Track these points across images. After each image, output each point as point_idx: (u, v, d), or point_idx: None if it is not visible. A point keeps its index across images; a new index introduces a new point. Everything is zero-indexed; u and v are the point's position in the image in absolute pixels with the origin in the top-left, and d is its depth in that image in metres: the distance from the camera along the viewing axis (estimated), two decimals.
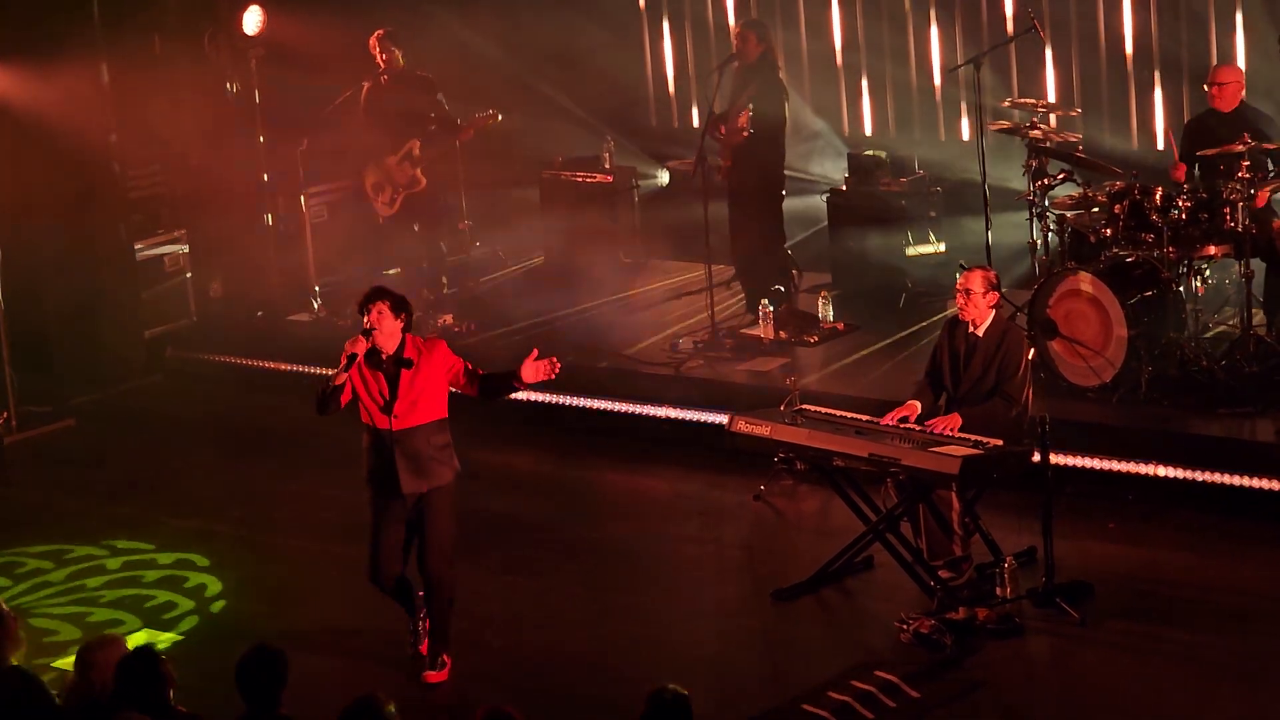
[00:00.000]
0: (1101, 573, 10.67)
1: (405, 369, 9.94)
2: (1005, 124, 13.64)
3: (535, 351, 10.05)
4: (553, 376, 10.04)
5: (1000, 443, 10.21)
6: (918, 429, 10.50)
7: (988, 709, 9.55)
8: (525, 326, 14.95)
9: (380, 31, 15.32)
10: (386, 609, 11.08)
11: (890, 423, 10.60)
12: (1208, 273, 12.55)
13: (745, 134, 13.91)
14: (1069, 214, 12.92)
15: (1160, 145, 14.32)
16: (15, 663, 8.36)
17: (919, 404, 10.74)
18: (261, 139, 16.13)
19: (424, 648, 10.24)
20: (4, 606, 8.44)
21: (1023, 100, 14.09)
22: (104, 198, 15.81)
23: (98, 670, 8.04)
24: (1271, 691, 9.44)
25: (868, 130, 16.90)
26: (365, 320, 9.92)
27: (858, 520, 10.78)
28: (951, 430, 10.36)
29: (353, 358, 9.84)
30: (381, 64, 15.30)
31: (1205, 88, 12.91)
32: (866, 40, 16.74)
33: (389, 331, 9.91)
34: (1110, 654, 9.92)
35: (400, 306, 9.95)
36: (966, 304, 10.70)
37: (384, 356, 9.95)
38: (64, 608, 11.32)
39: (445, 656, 10.16)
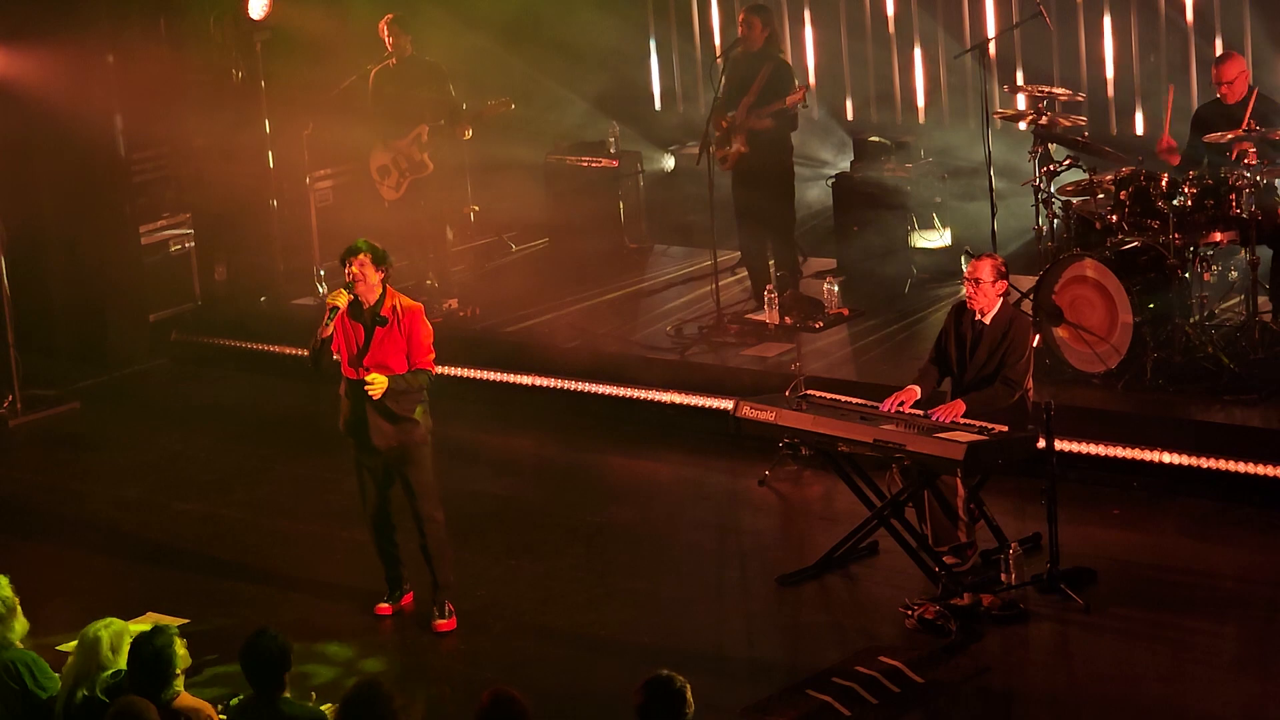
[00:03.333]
0: (1106, 559, 10.68)
1: (380, 326, 10.30)
2: (1011, 110, 13.63)
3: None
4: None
5: (1005, 429, 10.19)
6: (922, 414, 10.49)
7: (992, 694, 9.55)
8: (529, 311, 14.94)
9: (389, 16, 15.30)
10: None
11: (889, 407, 10.58)
12: (1213, 259, 12.54)
13: (801, 106, 13.92)
14: (1075, 200, 12.91)
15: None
16: (19, 645, 8.39)
17: (919, 389, 10.72)
18: (266, 123, 16.12)
19: (404, 600, 10.75)
20: (7, 589, 8.45)
21: (1028, 86, 14.07)
22: (109, 181, 15.81)
23: (98, 651, 8.06)
24: (1276, 677, 9.43)
25: (873, 116, 16.88)
26: (347, 273, 10.29)
27: (862, 506, 10.78)
28: (955, 417, 10.34)
29: (334, 310, 10.27)
30: (390, 48, 15.28)
31: (1213, 84, 12.88)
32: (872, 25, 16.71)
33: (372, 284, 10.32)
34: (1114, 640, 9.92)
35: (381, 260, 10.33)
36: (976, 293, 10.65)
37: (365, 308, 10.34)
38: None
39: (450, 604, 10.56)
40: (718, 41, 17.13)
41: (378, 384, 10.22)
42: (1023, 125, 13.39)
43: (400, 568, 10.77)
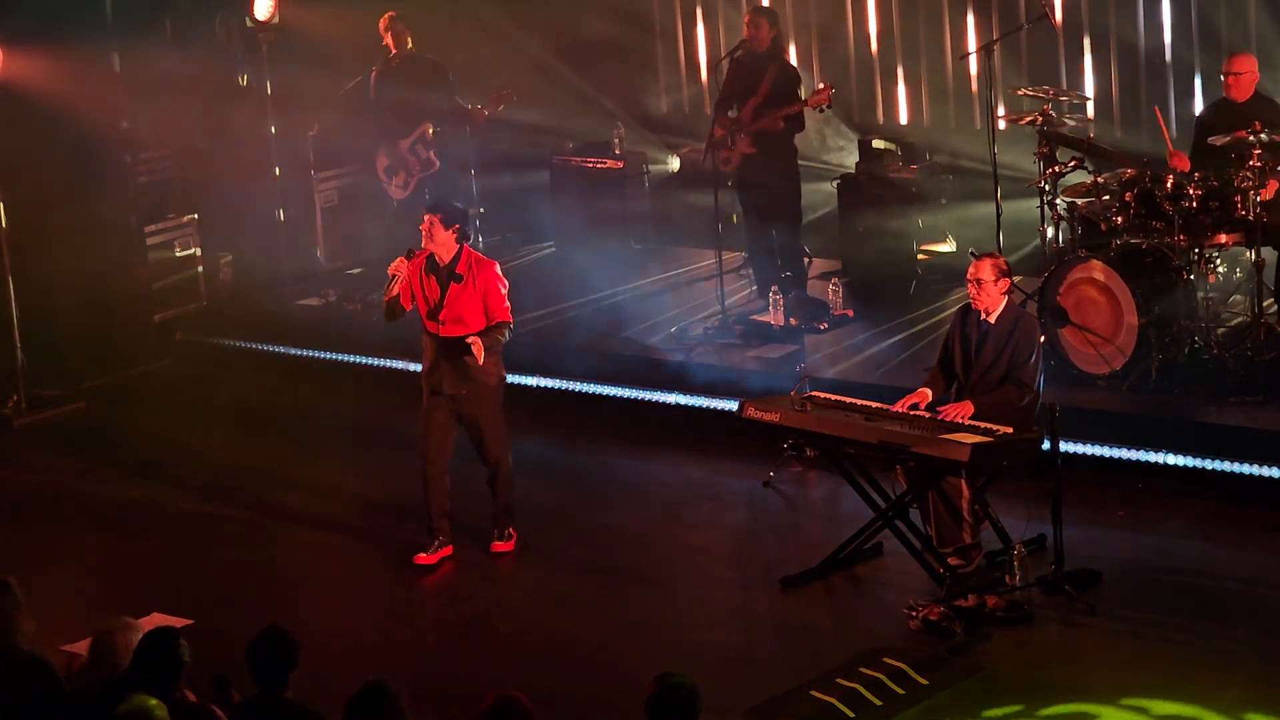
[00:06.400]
0: (1110, 560, 10.67)
1: (455, 283, 10.90)
2: (1017, 113, 13.63)
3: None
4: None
5: (1010, 430, 10.19)
6: (927, 416, 10.49)
7: (996, 696, 9.53)
8: (535, 314, 14.93)
9: (388, 15, 15.31)
10: (396, 595, 11.13)
11: (899, 410, 10.58)
12: (1218, 261, 12.54)
13: (822, 108, 14.12)
14: (1080, 201, 12.91)
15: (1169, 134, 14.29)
16: (24, 645, 8.39)
17: (929, 392, 10.72)
18: (272, 124, 16.13)
19: (440, 553, 11.29)
20: (16, 589, 8.46)
21: (1034, 88, 14.06)
22: (115, 182, 15.83)
23: (113, 653, 8.09)
24: None
25: (879, 117, 16.89)
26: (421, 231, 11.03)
27: (867, 507, 10.78)
28: (963, 417, 10.34)
29: (393, 278, 10.97)
30: (391, 48, 15.29)
31: (1221, 76, 12.89)
32: (879, 27, 16.73)
33: (441, 241, 10.97)
34: (1119, 641, 9.92)
35: (452, 219, 10.97)
36: (979, 294, 10.64)
37: (440, 265, 10.98)
38: None
39: (511, 529, 11.40)
40: (723, 42, 17.14)
41: (477, 349, 10.80)
42: (1026, 125, 13.40)
43: (443, 519, 11.31)
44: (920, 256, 14.57)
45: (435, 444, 11.24)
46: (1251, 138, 11.99)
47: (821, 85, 14.04)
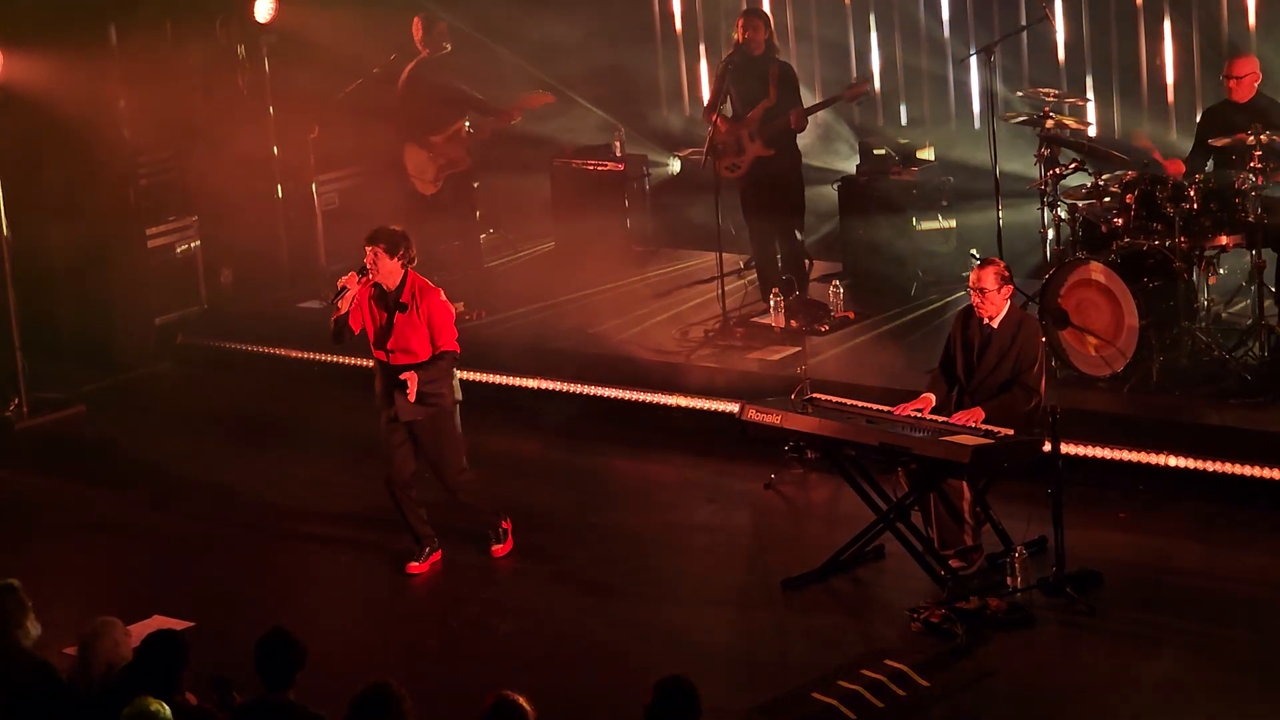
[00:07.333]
0: (1112, 562, 10.66)
1: (400, 312, 10.82)
2: (1018, 114, 13.64)
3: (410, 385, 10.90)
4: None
5: (1011, 432, 10.19)
6: (929, 419, 10.48)
7: (998, 698, 9.54)
8: (535, 313, 14.95)
9: (425, 13, 15.27)
10: (396, 597, 11.14)
11: (904, 414, 10.56)
12: (1219, 262, 12.54)
13: (859, 100, 14.48)
14: (1080, 203, 12.90)
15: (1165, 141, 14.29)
16: (28, 648, 8.40)
17: (933, 396, 10.71)
18: (272, 126, 16.12)
19: (430, 560, 11.29)
20: (20, 592, 8.47)
21: (1035, 90, 14.07)
22: (115, 184, 15.82)
23: (98, 654, 8.10)
24: None
25: (880, 119, 16.88)
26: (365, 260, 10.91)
27: (868, 509, 10.78)
28: (975, 423, 10.32)
29: (342, 290, 10.86)
30: (421, 49, 15.20)
31: (1222, 79, 12.89)
32: (879, 27, 16.73)
33: (387, 271, 10.87)
34: (1120, 643, 9.92)
35: (395, 247, 10.84)
36: (983, 302, 10.63)
37: (388, 292, 10.89)
38: None
39: (506, 524, 11.44)
40: (722, 48, 17.14)
41: (411, 387, 10.79)
42: (1027, 128, 13.40)
43: (424, 525, 11.31)
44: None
45: (399, 465, 11.17)
46: (1251, 139, 12.00)
47: (860, 79, 14.15)
